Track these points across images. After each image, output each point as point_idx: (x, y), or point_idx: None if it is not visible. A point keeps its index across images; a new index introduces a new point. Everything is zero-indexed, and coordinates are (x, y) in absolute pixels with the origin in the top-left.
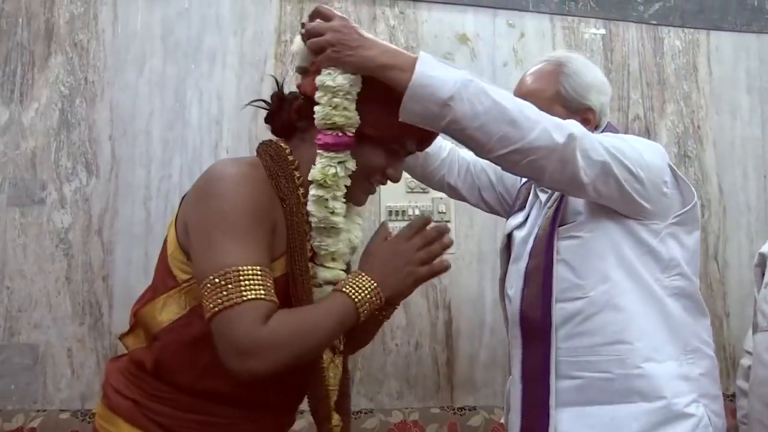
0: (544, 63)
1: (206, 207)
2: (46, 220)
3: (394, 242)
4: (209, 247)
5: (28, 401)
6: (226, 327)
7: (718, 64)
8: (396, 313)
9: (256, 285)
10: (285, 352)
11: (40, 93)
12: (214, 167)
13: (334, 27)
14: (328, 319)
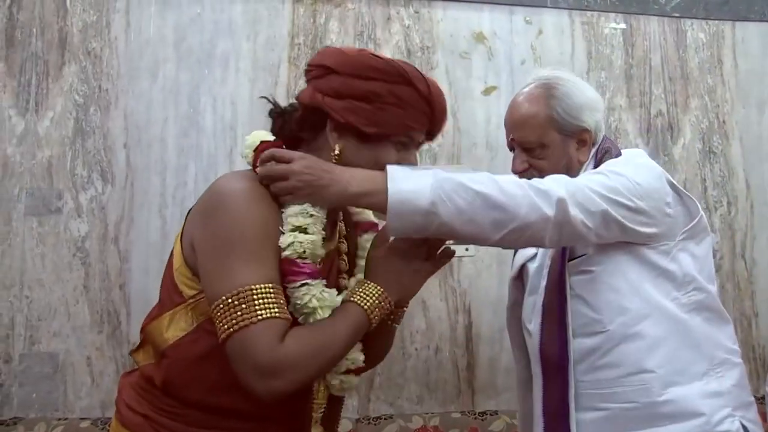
0: (532, 87)
1: (213, 225)
2: (63, 229)
3: (395, 244)
4: (219, 266)
5: (50, 410)
6: (243, 348)
7: (744, 57)
8: (415, 317)
9: (270, 303)
10: (307, 370)
11: (55, 102)
12: (218, 183)
13: (295, 170)
14: (342, 331)
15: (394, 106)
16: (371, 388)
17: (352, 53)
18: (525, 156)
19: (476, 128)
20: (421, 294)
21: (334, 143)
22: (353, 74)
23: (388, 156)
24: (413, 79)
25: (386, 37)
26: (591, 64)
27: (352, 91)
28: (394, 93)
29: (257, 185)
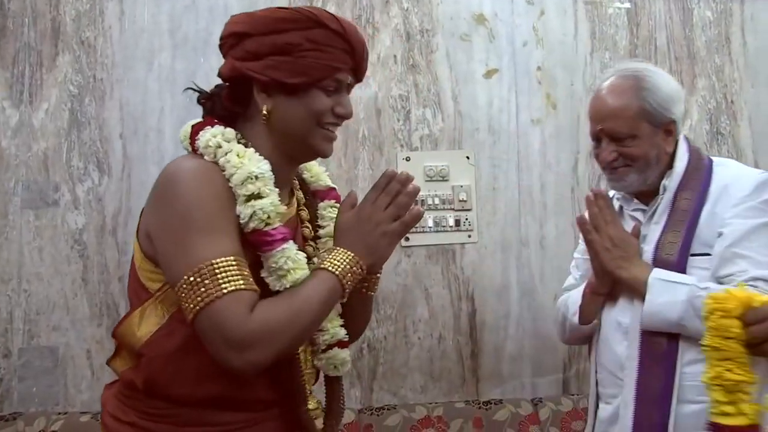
0: (617, 78)
1: (167, 207)
2: (60, 222)
3: (360, 208)
4: (177, 247)
5: (50, 404)
6: (213, 324)
7: (753, 35)
8: (418, 306)
9: (234, 276)
10: (281, 338)
11: (50, 93)
12: (167, 167)
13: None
14: (315, 298)
15: (314, 51)
16: (374, 378)
17: (258, 13)
18: (614, 146)
19: (478, 112)
20: (423, 282)
21: (263, 104)
22: (265, 32)
23: (320, 103)
24: (324, 20)
25: (385, 21)
26: (595, 45)
27: (269, 48)
28: (309, 38)
29: (203, 161)
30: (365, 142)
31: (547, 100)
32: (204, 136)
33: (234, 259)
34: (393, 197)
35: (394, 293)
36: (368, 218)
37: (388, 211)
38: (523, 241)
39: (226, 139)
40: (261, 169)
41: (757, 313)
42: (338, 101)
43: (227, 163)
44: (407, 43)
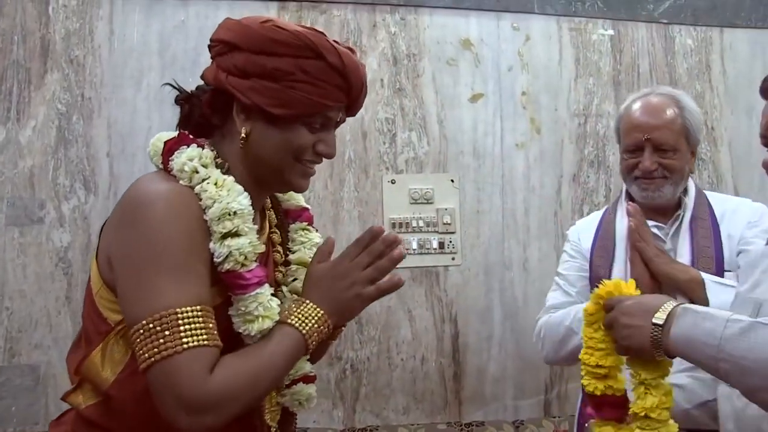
0: (656, 96)
1: (132, 236)
2: (45, 239)
3: (338, 262)
4: (140, 286)
5: (29, 423)
6: (167, 380)
7: (732, 63)
8: (401, 327)
9: (198, 329)
10: (240, 401)
11: (37, 111)
12: (136, 186)
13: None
14: (278, 357)
15: (304, 83)
16: (357, 399)
17: (255, 26)
18: (656, 156)
19: (463, 135)
20: (407, 304)
21: (241, 126)
22: (257, 50)
23: (301, 138)
24: (323, 51)
25: (372, 44)
26: (579, 71)
27: (256, 69)
28: (302, 68)
29: (174, 185)
30: (351, 164)
31: (531, 124)
32: (179, 158)
33: (200, 310)
34: (374, 258)
35: (378, 314)
36: (344, 275)
37: (367, 272)
38: (507, 264)
39: (203, 163)
40: (240, 205)
41: (612, 302)
42: (322, 138)
43: (203, 192)
44: (394, 67)
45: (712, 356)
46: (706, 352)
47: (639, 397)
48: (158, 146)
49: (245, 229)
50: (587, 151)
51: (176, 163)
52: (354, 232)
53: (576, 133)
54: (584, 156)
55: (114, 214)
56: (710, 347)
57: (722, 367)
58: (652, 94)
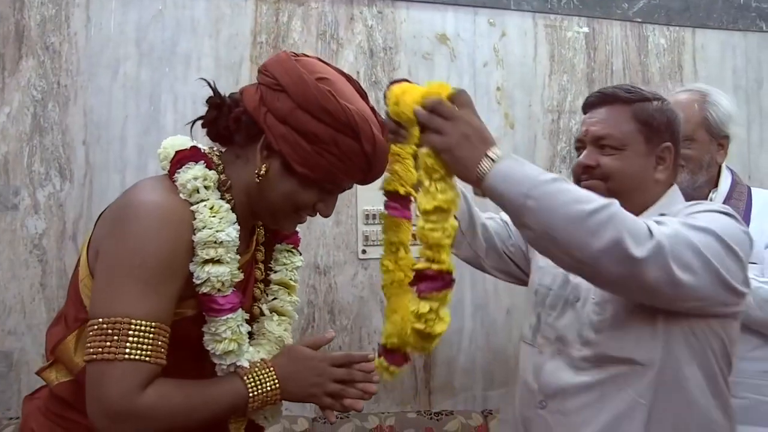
0: (685, 92)
1: (117, 240)
2: (19, 226)
3: (320, 359)
4: (108, 287)
5: (2, 408)
6: (100, 380)
7: (703, 63)
8: (374, 317)
9: (145, 344)
10: (157, 425)
11: (12, 97)
12: (135, 194)
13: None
14: (213, 403)
15: (333, 156)
16: None
17: (311, 82)
18: None
19: None
20: (379, 294)
21: (261, 162)
22: (304, 106)
23: (308, 196)
24: (361, 135)
25: (349, 37)
26: (553, 67)
27: (297, 123)
28: (337, 143)
29: (173, 198)
30: None
31: (505, 119)
32: (185, 174)
33: (155, 327)
34: (350, 380)
35: (351, 304)
36: (316, 372)
37: (335, 386)
38: None
39: (205, 185)
40: (228, 236)
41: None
42: (324, 200)
43: (197, 213)
44: (370, 60)
45: (523, 193)
46: (519, 189)
47: (430, 193)
48: (169, 152)
49: (227, 259)
50: (560, 146)
51: (181, 178)
52: (327, 224)
53: (549, 129)
54: (557, 152)
55: (113, 208)
56: (524, 186)
57: (529, 204)
58: (682, 91)
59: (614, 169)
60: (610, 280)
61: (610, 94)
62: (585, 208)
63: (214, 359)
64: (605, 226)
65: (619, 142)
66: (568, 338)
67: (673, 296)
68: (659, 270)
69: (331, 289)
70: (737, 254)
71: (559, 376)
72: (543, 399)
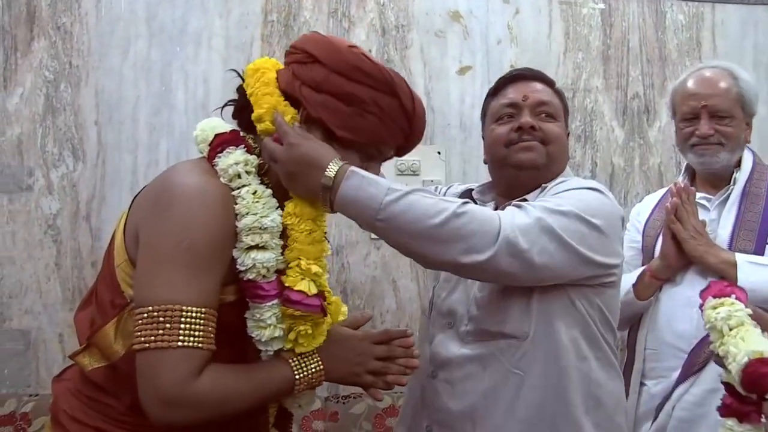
0: (711, 69)
1: (162, 225)
2: (34, 207)
3: (361, 337)
4: (155, 273)
5: (21, 386)
6: (153, 369)
7: (723, 39)
8: (386, 297)
9: (197, 331)
10: (211, 412)
11: (24, 78)
12: (172, 175)
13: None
14: (262, 388)
15: (373, 116)
16: None
17: (343, 47)
18: (713, 123)
19: (450, 108)
20: (391, 274)
21: None
22: (338, 71)
23: (351, 163)
24: (400, 92)
25: (360, 15)
26: (568, 45)
27: (333, 88)
28: (376, 102)
29: (214, 181)
30: None
31: None
32: (227, 159)
33: (205, 312)
34: (391, 356)
35: (363, 284)
36: (357, 352)
37: (376, 364)
38: None
39: (247, 170)
40: (273, 222)
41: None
42: (369, 167)
43: (240, 198)
44: (382, 38)
45: (372, 217)
46: (368, 213)
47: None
48: (208, 135)
49: (272, 245)
50: (574, 125)
51: (222, 163)
52: None
53: None
54: (571, 130)
55: (149, 192)
56: (371, 210)
57: (379, 226)
58: (705, 68)
59: (555, 135)
60: (472, 275)
61: (537, 72)
62: (432, 222)
63: (259, 345)
64: (453, 238)
65: (555, 112)
66: (457, 313)
67: (533, 278)
68: (511, 260)
69: (343, 269)
70: (600, 229)
71: (448, 348)
72: (434, 369)
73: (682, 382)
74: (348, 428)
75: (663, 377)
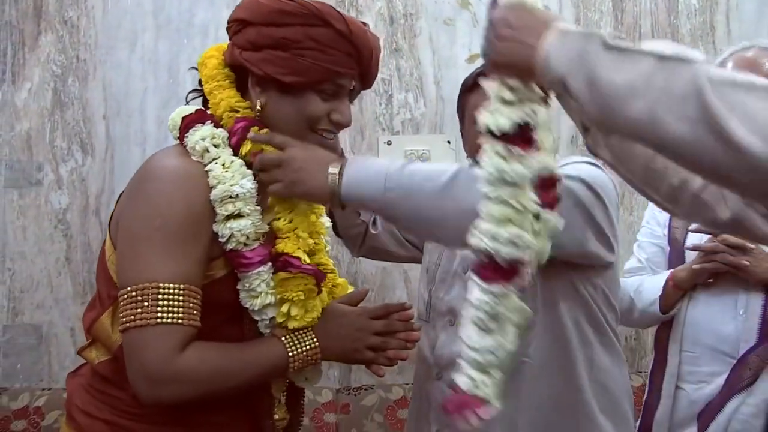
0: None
1: (136, 207)
2: (44, 202)
3: (358, 313)
4: (132, 254)
5: (34, 380)
6: (137, 347)
7: (738, 23)
8: (397, 288)
9: (176, 307)
10: (198, 389)
11: (32, 72)
12: (150, 161)
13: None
14: (253, 365)
15: (313, 51)
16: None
17: (266, 0)
18: None
19: None
20: (402, 264)
21: (256, 98)
22: (267, 22)
23: (314, 106)
24: (330, 19)
25: (368, 4)
26: None
27: (267, 41)
28: (310, 36)
29: (186, 161)
30: None
31: None
32: (193, 137)
33: (183, 288)
34: (389, 331)
35: (374, 275)
36: (355, 327)
37: (375, 339)
38: None
39: (215, 143)
40: (243, 188)
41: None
42: (336, 107)
43: (211, 172)
44: (391, 27)
45: (381, 188)
46: (376, 186)
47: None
48: (177, 120)
49: (247, 211)
50: None
51: (190, 140)
52: None
53: None
54: None
55: (129, 183)
56: (378, 181)
57: (390, 195)
58: (748, 47)
59: None
60: None
61: None
62: (443, 178)
63: (255, 316)
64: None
65: None
66: (457, 309)
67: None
68: None
69: (354, 260)
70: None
71: (452, 347)
72: (439, 371)
73: (736, 394)
74: (360, 420)
75: (704, 382)
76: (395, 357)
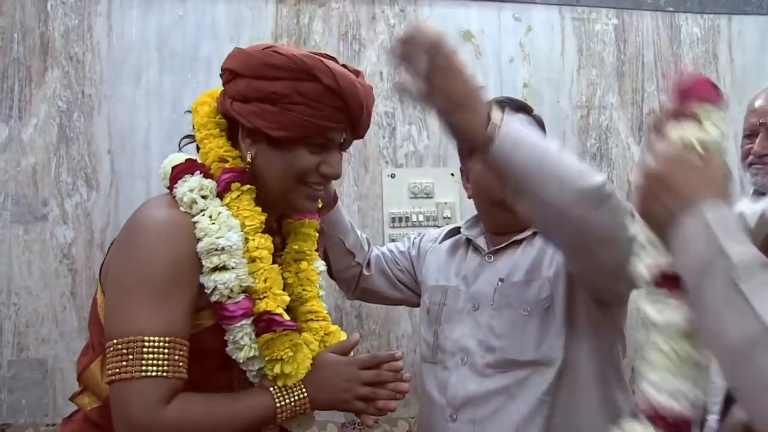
0: None
1: (125, 259)
2: (49, 236)
3: (347, 362)
4: (119, 306)
5: (39, 415)
6: (122, 400)
7: (740, 51)
8: (401, 321)
9: (161, 360)
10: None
11: (38, 108)
12: (140, 211)
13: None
14: (240, 417)
15: (302, 105)
16: None
17: (256, 52)
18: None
19: None
20: None
21: (246, 150)
22: (256, 75)
23: (303, 160)
24: (318, 73)
25: (371, 37)
26: (582, 62)
27: (256, 94)
28: (299, 91)
29: (176, 212)
30: (350, 158)
31: None
32: (182, 188)
33: (168, 341)
34: (379, 381)
35: (378, 309)
36: (344, 377)
37: (365, 390)
38: None
39: (203, 194)
40: (229, 241)
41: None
42: (325, 159)
43: (198, 224)
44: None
45: (536, 159)
46: (531, 154)
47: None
48: (168, 170)
49: (232, 264)
50: (590, 143)
51: (178, 192)
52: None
53: (578, 125)
54: (587, 149)
55: (120, 232)
56: (534, 152)
57: (537, 175)
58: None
59: None
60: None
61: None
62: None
63: (243, 367)
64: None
65: None
66: (469, 347)
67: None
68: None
69: None
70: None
71: (466, 386)
72: (453, 412)
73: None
74: None
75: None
76: (384, 407)
